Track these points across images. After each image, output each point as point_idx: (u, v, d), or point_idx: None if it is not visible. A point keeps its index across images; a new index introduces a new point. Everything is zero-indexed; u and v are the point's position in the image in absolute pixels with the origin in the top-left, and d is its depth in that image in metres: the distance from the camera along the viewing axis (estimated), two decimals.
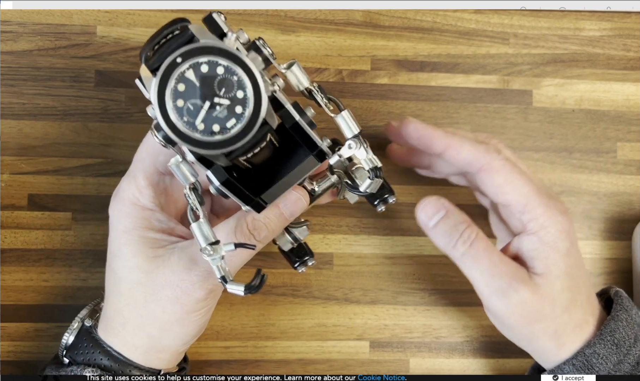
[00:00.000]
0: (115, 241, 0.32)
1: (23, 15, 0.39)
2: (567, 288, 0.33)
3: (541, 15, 0.43)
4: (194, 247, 0.31)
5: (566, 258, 0.33)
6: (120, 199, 0.32)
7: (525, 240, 0.33)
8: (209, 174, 0.28)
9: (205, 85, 0.26)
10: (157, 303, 0.31)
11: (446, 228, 0.33)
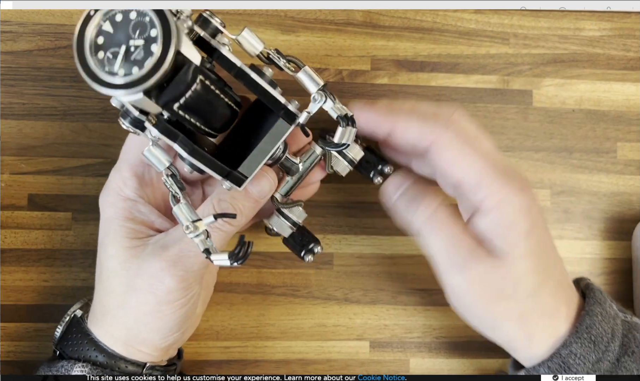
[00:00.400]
0: (100, 230, 0.33)
1: (23, 15, 0.39)
2: (533, 271, 0.30)
3: (541, 15, 0.43)
4: (167, 237, 0.31)
5: (528, 238, 0.30)
6: (106, 189, 0.33)
7: (481, 219, 0.31)
8: (178, 148, 0.28)
9: (120, 31, 0.26)
10: (131, 293, 0.31)
11: (408, 198, 0.31)
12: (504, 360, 0.41)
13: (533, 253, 0.30)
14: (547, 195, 0.42)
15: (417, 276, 0.41)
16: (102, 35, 0.26)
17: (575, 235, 0.43)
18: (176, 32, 0.25)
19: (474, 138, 0.31)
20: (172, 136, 0.28)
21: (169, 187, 0.29)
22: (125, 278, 0.31)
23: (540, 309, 0.31)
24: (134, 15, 0.26)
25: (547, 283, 0.31)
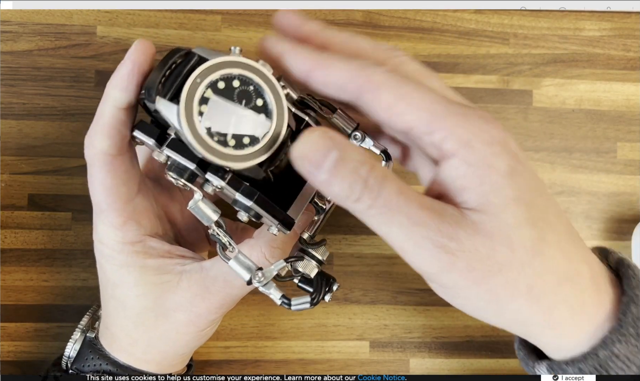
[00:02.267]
0: (115, 273, 0.31)
1: (23, 15, 0.39)
2: (527, 222, 0.23)
3: (541, 15, 0.43)
4: (202, 272, 0.30)
5: (512, 178, 0.23)
6: (104, 243, 0.31)
7: (446, 167, 0.23)
8: (239, 197, 0.27)
9: (229, 99, 0.26)
10: (169, 325, 0.31)
11: (343, 176, 0.22)
12: (504, 360, 0.41)
13: (522, 198, 0.23)
14: None
15: (417, 276, 0.41)
16: (205, 104, 0.25)
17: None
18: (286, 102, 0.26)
19: (418, 73, 0.25)
20: (237, 185, 0.27)
21: (221, 239, 0.28)
22: (161, 312, 0.31)
23: (553, 272, 0.23)
24: (237, 84, 0.26)
25: (551, 238, 0.23)
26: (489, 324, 0.34)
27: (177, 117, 0.25)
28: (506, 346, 0.41)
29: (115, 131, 0.28)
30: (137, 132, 0.28)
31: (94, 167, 0.29)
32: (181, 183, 0.27)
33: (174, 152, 0.27)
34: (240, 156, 0.26)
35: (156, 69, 0.27)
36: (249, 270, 0.28)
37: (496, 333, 0.36)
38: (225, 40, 0.40)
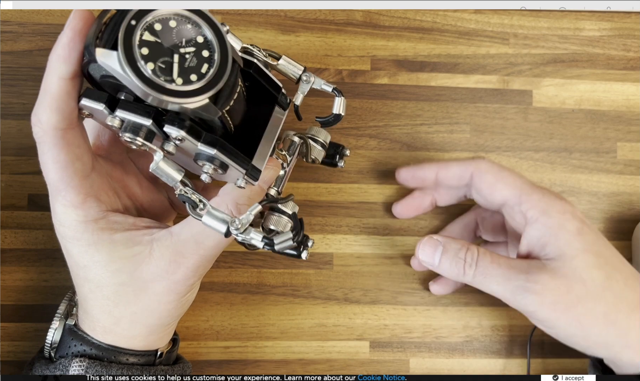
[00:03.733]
0: (83, 254, 0.30)
1: (23, 15, 0.39)
2: (595, 266, 0.31)
3: (541, 15, 0.43)
4: (173, 238, 0.30)
5: (580, 236, 0.31)
6: (66, 225, 0.30)
7: (531, 230, 0.33)
8: (201, 147, 0.27)
9: (169, 38, 0.26)
10: (150, 296, 0.31)
11: (450, 262, 0.33)
12: (504, 360, 0.41)
13: (589, 250, 0.31)
14: None
15: (417, 276, 0.41)
16: (145, 46, 0.25)
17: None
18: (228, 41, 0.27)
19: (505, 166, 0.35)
20: (197, 135, 0.27)
21: (190, 196, 0.28)
22: (139, 286, 0.30)
23: (624, 302, 0.30)
24: (174, 24, 0.26)
25: (617, 276, 0.31)
26: (489, 325, 0.35)
27: (120, 63, 0.25)
28: (506, 347, 0.41)
29: (63, 103, 0.28)
30: (84, 100, 0.27)
31: (45, 144, 0.28)
32: (139, 143, 0.26)
33: (127, 111, 0.26)
34: (190, 91, 0.25)
35: (92, 26, 0.26)
36: (224, 222, 0.28)
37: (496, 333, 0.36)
38: None
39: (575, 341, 0.32)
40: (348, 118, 0.41)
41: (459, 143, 0.42)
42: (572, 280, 0.30)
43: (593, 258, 0.31)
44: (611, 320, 0.30)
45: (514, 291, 0.31)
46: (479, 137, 0.42)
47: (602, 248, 0.32)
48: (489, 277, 0.32)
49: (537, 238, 0.32)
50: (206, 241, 0.30)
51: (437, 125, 0.42)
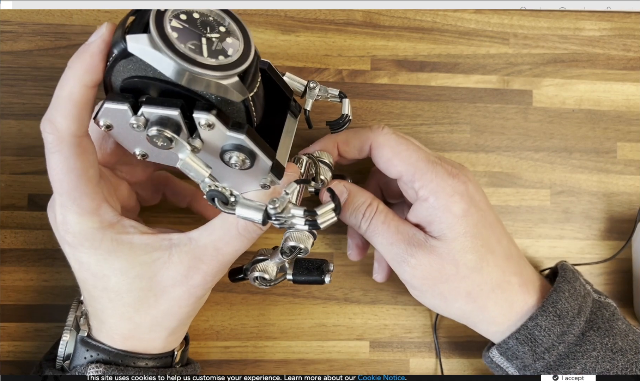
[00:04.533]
0: (102, 263, 0.30)
1: (23, 15, 0.39)
2: (471, 249, 0.33)
3: (541, 15, 0.43)
4: (191, 244, 0.31)
5: (463, 219, 0.33)
6: (82, 235, 0.30)
7: (419, 207, 0.34)
8: (230, 133, 0.27)
9: (194, 26, 0.27)
10: (170, 301, 0.31)
11: (350, 212, 0.35)
12: None
13: (469, 232, 0.33)
14: (547, 195, 0.42)
15: None
16: (174, 31, 0.26)
17: (575, 235, 0.43)
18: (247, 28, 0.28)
19: (404, 135, 0.35)
20: (225, 121, 0.27)
21: (219, 191, 0.27)
22: (159, 290, 0.31)
23: (489, 283, 0.33)
24: (197, 15, 0.27)
25: (490, 258, 0.33)
26: None
27: (152, 43, 0.25)
28: None
29: (84, 111, 0.28)
30: (108, 103, 0.27)
31: (60, 153, 0.28)
32: (168, 136, 0.26)
33: (153, 106, 0.26)
34: (221, 66, 0.26)
35: (117, 28, 0.27)
36: (259, 209, 0.27)
37: None
38: None
39: (439, 310, 0.36)
40: None
41: (459, 143, 0.42)
42: (446, 260, 0.33)
43: (470, 242, 0.33)
44: (473, 298, 0.34)
45: (393, 257, 0.34)
46: (479, 137, 0.42)
47: (482, 229, 0.33)
48: (376, 235, 0.34)
49: (424, 216, 0.34)
50: (225, 248, 0.31)
51: (437, 125, 0.42)
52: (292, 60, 0.41)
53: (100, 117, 0.28)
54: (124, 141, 0.30)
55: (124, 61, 0.27)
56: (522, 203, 0.42)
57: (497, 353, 0.35)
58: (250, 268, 0.33)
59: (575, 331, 0.33)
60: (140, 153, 0.30)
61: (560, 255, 0.42)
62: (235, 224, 0.30)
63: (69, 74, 0.27)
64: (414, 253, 0.33)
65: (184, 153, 0.27)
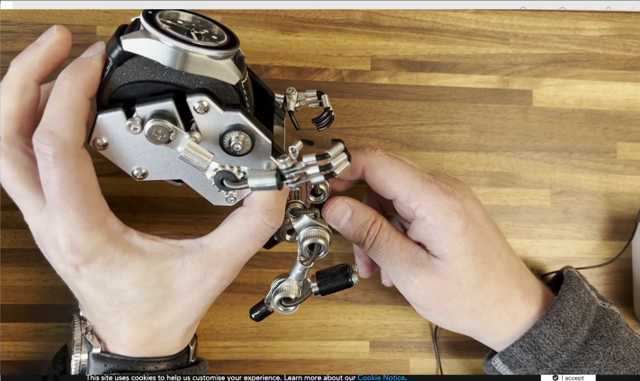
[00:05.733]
0: (117, 279, 0.30)
1: (23, 15, 0.39)
2: (472, 267, 0.33)
3: (541, 15, 0.43)
4: (204, 251, 0.30)
5: (463, 237, 0.33)
6: (92, 251, 0.29)
7: (417, 226, 0.34)
8: (226, 114, 0.27)
9: (181, 26, 0.28)
10: (187, 304, 0.31)
11: (354, 228, 0.34)
12: None
13: (469, 250, 0.33)
14: (547, 195, 0.42)
15: None
16: (166, 25, 0.27)
17: (575, 235, 0.43)
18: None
19: (397, 156, 0.35)
20: (219, 102, 0.27)
21: (227, 171, 0.27)
22: (177, 296, 0.31)
23: (491, 299, 0.34)
24: (181, 22, 0.29)
25: (491, 273, 0.34)
26: None
27: (146, 33, 0.26)
28: None
29: (85, 121, 0.28)
30: (102, 114, 0.27)
31: (65, 165, 0.27)
32: (168, 128, 0.26)
33: (146, 103, 0.27)
34: (214, 46, 0.27)
35: (111, 38, 0.28)
36: (271, 175, 0.26)
37: None
38: None
39: (445, 326, 0.36)
40: (348, 118, 0.41)
41: (459, 143, 0.42)
42: (449, 280, 0.33)
43: (472, 260, 0.33)
44: (477, 314, 0.34)
45: (397, 277, 0.34)
46: (479, 137, 0.42)
47: (482, 245, 0.33)
48: (380, 253, 0.34)
49: (423, 235, 0.34)
50: (238, 251, 0.31)
51: (437, 125, 0.42)
52: (292, 60, 0.41)
53: (95, 134, 0.28)
54: (121, 158, 0.29)
55: (119, 69, 0.27)
56: (522, 203, 0.42)
57: (499, 361, 0.35)
58: (272, 295, 0.32)
59: (578, 340, 0.33)
60: (138, 172, 0.30)
61: (560, 255, 0.42)
62: (246, 226, 0.30)
63: (71, 85, 0.27)
64: (417, 273, 0.33)
65: (184, 143, 0.27)
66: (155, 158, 0.30)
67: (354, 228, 0.34)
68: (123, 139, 0.28)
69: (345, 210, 0.34)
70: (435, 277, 0.33)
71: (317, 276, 0.33)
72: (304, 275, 0.32)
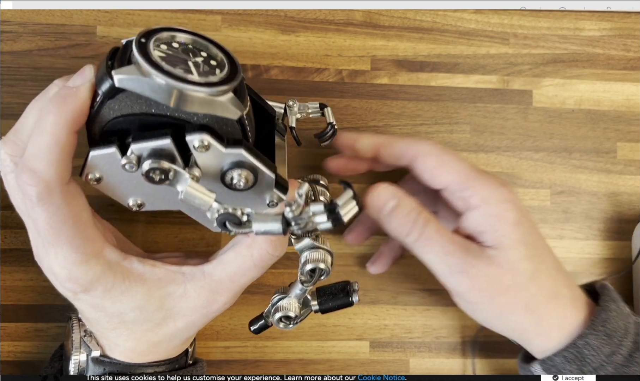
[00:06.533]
0: (117, 304, 0.29)
1: (23, 15, 0.39)
2: (527, 258, 0.32)
3: (541, 15, 0.43)
4: (206, 278, 0.30)
5: (517, 227, 0.32)
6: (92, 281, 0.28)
7: (471, 216, 0.33)
8: (228, 150, 0.26)
9: (175, 53, 0.26)
10: (189, 323, 0.31)
11: (399, 218, 0.32)
12: (504, 360, 0.41)
13: (524, 240, 0.32)
14: (547, 195, 0.42)
15: (417, 276, 0.41)
16: (161, 58, 0.25)
17: (575, 235, 0.43)
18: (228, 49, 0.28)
19: (448, 148, 0.34)
20: (220, 139, 0.26)
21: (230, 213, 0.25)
22: (179, 317, 0.31)
23: (544, 293, 0.32)
24: (177, 45, 0.27)
25: (543, 267, 0.33)
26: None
27: (141, 71, 0.24)
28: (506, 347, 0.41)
29: (70, 156, 0.27)
30: (94, 151, 0.26)
31: (51, 203, 0.26)
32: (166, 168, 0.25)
33: (143, 141, 0.25)
34: (215, 82, 0.25)
35: (100, 64, 0.26)
36: (277, 221, 0.25)
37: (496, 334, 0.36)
38: (225, 40, 0.40)
39: (494, 325, 0.34)
40: (348, 118, 0.41)
41: (459, 143, 0.42)
42: (505, 269, 0.32)
43: (525, 250, 0.32)
44: (530, 310, 0.32)
45: (450, 267, 0.32)
46: (479, 137, 0.42)
47: (534, 238, 0.33)
48: (429, 245, 0.32)
49: (476, 225, 0.33)
50: (241, 279, 0.31)
51: (437, 125, 0.42)
52: (292, 60, 0.41)
53: (87, 170, 0.27)
54: (115, 192, 0.28)
55: (110, 102, 0.26)
56: None
57: (540, 368, 0.34)
58: (272, 311, 0.32)
59: (623, 352, 0.32)
60: (134, 203, 0.29)
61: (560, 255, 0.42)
62: (250, 256, 0.30)
63: (53, 118, 0.26)
64: (474, 263, 0.32)
65: (184, 184, 0.25)
66: (152, 192, 0.28)
67: (399, 218, 0.32)
68: (117, 174, 0.27)
69: (389, 199, 0.32)
70: (491, 268, 0.31)
71: (317, 293, 0.33)
72: (304, 295, 0.32)
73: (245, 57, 0.41)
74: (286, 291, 0.32)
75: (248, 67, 0.41)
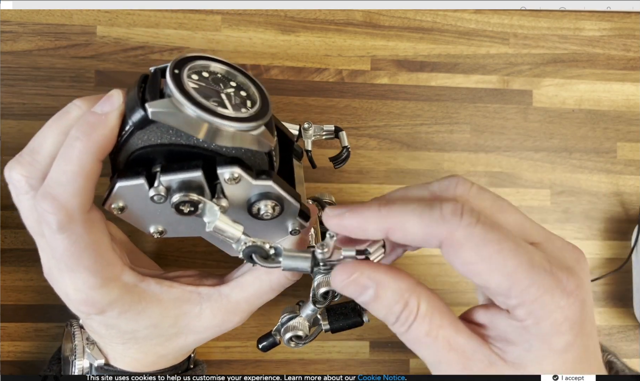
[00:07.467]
0: (132, 323, 0.29)
1: (23, 15, 0.39)
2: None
3: (541, 15, 0.43)
4: (223, 300, 0.31)
5: (562, 355, 0.24)
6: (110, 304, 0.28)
7: (505, 323, 0.24)
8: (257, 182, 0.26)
9: (208, 84, 0.26)
10: (199, 341, 0.32)
11: (379, 309, 0.25)
12: None
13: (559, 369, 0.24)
14: (547, 195, 0.42)
15: (417, 276, 0.41)
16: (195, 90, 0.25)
17: (575, 235, 0.43)
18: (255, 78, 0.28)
19: (493, 222, 0.24)
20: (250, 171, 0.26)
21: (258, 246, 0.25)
22: (191, 333, 0.31)
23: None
24: (207, 74, 0.27)
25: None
26: None
27: (176, 105, 0.24)
28: None
29: (94, 184, 0.26)
30: (121, 182, 0.25)
31: (72, 231, 0.25)
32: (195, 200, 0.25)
33: (172, 173, 0.25)
34: (248, 117, 0.25)
35: (130, 91, 0.26)
36: (306, 260, 0.25)
37: None
38: (225, 40, 0.40)
39: None
40: (348, 118, 0.41)
41: (459, 143, 0.42)
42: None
43: None
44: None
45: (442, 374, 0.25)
46: (479, 137, 0.42)
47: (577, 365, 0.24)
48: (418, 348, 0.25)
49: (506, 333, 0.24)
50: (257, 301, 0.31)
51: (437, 125, 0.42)
52: (292, 60, 0.41)
53: (111, 200, 0.26)
54: (138, 220, 0.28)
55: (140, 133, 0.25)
56: (522, 203, 0.42)
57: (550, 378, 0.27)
58: (282, 330, 0.32)
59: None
60: (156, 231, 0.28)
61: None
62: (268, 281, 0.30)
63: (81, 145, 0.25)
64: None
65: (213, 216, 0.25)
66: (175, 220, 0.28)
67: (378, 309, 0.25)
68: (142, 204, 0.26)
69: (366, 287, 0.24)
70: None
71: (327, 313, 0.32)
72: (315, 315, 0.32)
73: (245, 57, 0.41)
74: (295, 310, 0.32)
75: (248, 67, 0.41)
